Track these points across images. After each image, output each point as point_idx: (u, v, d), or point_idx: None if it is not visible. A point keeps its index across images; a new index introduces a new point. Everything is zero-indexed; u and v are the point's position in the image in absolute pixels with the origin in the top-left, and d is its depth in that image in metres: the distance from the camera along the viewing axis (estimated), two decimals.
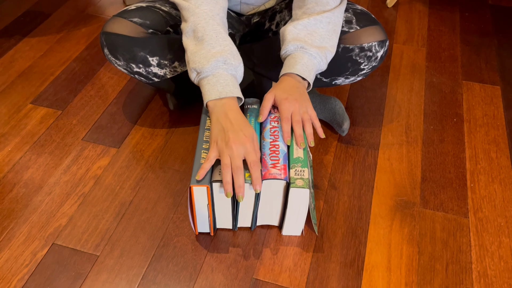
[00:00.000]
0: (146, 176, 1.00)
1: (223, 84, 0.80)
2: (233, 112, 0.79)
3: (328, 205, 0.96)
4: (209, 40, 0.81)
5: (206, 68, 0.80)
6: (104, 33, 0.94)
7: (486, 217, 0.95)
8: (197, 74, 0.82)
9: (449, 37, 1.46)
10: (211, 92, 0.80)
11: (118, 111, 1.16)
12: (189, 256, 0.86)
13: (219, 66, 0.80)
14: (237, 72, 0.83)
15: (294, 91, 0.85)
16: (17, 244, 0.88)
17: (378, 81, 1.28)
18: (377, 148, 1.08)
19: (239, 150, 0.76)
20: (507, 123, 1.16)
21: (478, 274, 0.85)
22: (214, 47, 0.81)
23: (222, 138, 0.77)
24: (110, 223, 0.91)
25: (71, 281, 0.82)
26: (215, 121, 0.79)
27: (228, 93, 0.80)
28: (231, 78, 0.81)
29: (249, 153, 0.77)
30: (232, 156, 0.76)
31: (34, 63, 1.31)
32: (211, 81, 0.80)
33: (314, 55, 0.87)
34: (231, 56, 0.81)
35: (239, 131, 0.77)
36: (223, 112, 0.79)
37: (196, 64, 0.81)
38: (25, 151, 1.05)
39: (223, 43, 0.82)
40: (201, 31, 0.82)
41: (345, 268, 0.85)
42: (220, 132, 0.78)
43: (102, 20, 1.49)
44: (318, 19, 0.88)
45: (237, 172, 0.75)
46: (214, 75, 0.80)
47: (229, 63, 0.81)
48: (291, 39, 0.88)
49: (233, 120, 0.78)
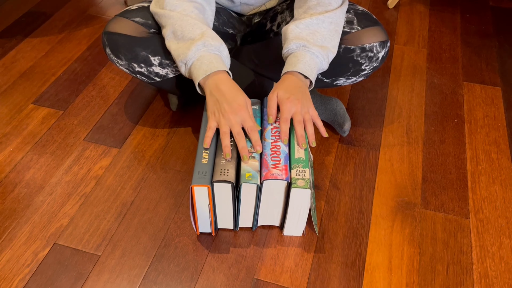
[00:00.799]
0: (148, 177, 1.01)
1: (207, 63, 0.84)
2: (224, 83, 0.83)
3: (329, 206, 0.96)
4: (187, 34, 0.86)
5: (188, 55, 0.84)
6: (106, 33, 0.94)
7: (487, 218, 0.95)
8: (185, 66, 0.86)
9: (450, 38, 1.46)
10: (198, 73, 0.84)
11: (120, 112, 1.16)
12: (191, 256, 0.86)
13: (199, 49, 0.84)
14: (220, 52, 0.86)
15: (296, 90, 0.85)
16: (19, 244, 0.88)
17: (379, 82, 1.28)
18: (378, 149, 1.09)
19: (236, 119, 0.82)
20: (508, 124, 1.16)
21: (479, 275, 0.85)
22: (192, 37, 0.85)
23: (218, 109, 0.82)
24: (112, 223, 0.92)
25: (73, 281, 0.82)
26: (209, 94, 0.84)
27: (213, 68, 0.83)
28: (214, 56, 0.85)
29: (246, 120, 0.82)
30: (231, 124, 0.82)
31: (36, 64, 1.31)
32: (197, 65, 0.84)
33: (316, 54, 0.87)
34: (210, 39, 0.85)
35: (233, 101, 0.82)
36: (215, 85, 0.83)
37: (180, 57, 0.85)
38: (27, 151, 1.06)
39: (200, 31, 0.86)
40: (179, 30, 0.86)
41: (346, 269, 0.85)
42: (215, 103, 0.83)
43: (103, 20, 1.50)
44: (321, 18, 0.89)
45: (238, 137, 0.82)
46: (197, 59, 0.84)
47: (209, 44, 0.85)
48: (293, 38, 0.88)
49: (225, 91, 0.82)
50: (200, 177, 0.79)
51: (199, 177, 0.79)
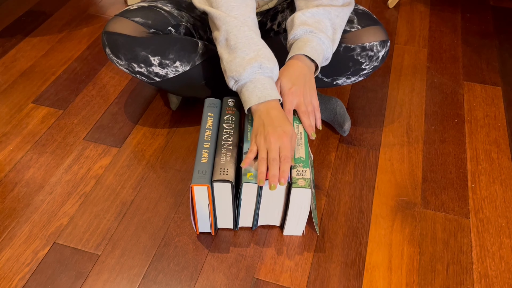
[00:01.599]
0: (147, 176, 1.01)
1: (261, 88, 0.82)
2: (275, 110, 0.82)
3: (329, 205, 0.96)
4: (242, 47, 0.83)
5: (243, 76, 0.82)
6: (105, 33, 0.94)
7: (487, 218, 0.95)
8: (235, 82, 0.84)
9: (450, 38, 1.46)
10: (250, 98, 0.82)
11: (120, 111, 1.16)
12: (190, 255, 0.86)
13: (255, 72, 0.82)
14: (273, 73, 0.84)
15: (300, 78, 0.85)
16: (19, 243, 0.88)
17: (379, 82, 1.28)
18: (378, 148, 1.08)
19: (276, 144, 0.79)
20: (508, 124, 1.16)
21: (479, 274, 0.85)
22: (248, 54, 0.82)
23: (261, 132, 0.80)
24: (111, 222, 0.91)
25: (72, 280, 0.82)
26: (257, 118, 0.82)
27: (266, 96, 0.82)
28: (268, 80, 0.83)
29: (284, 148, 0.79)
30: (269, 148, 0.78)
31: (36, 63, 1.31)
32: (250, 87, 0.82)
33: (323, 40, 0.87)
34: (266, 60, 0.82)
35: (278, 126, 0.79)
36: (266, 110, 0.82)
37: (233, 73, 0.83)
38: (27, 151, 1.06)
39: (256, 48, 0.83)
40: (233, 40, 0.83)
41: (346, 268, 0.85)
42: (260, 126, 0.81)
43: (103, 20, 1.50)
44: (327, 9, 0.89)
45: (272, 163, 0.78)
46: (251, 81, 0.82)
47: (265, 66, 0.82)
48: (300, 24, 0.88)
49: (274, 117, 0.81)
50: (200, 176, 0.79)
51: (199, 176, 0.79)
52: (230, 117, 0.91)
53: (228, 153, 0.83)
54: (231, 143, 0.85)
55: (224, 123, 0.89)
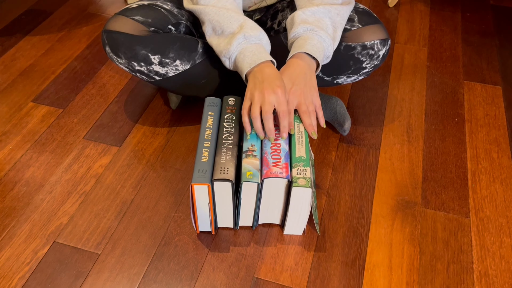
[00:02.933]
0: (148, 175, 1.00)
1: (250, 55, 0.84)
2: (268, 68, 0.83)
3: (330, 205, 0.96)
4: (226, 28, 0.86)
5: (231, 50, 0.85)
6: (105, 31, 0.94)
7: (487, 217, 0.95)
8: (229, 60, 0.87)
9: (451, 37, 1.46)
10: (243, 66, 0.84)
11: (120, 110, 1.16)
12: (191, 255, 0.86)
13: (240, 43, 0.85)
14: (261, 40, 0.87)
15: (301, 78, 0.85)
16: (18, 242, 0.88)
17: (380, 81, 1.27)
18: (379, 147, 1.08)
19: (271, 98, 0.80)
20: (508, 123, 1.16)
21: (479, 274, 0.85)
22: (231, 30, 0.86)
23: (256, 87, 0.82)
24: (112, 221, 0.91)
25: (72, 279, 0.82)
26: (252, 77, 0.84)
27: (256, 60, 0.84)
28: (256, 47, 0.85)
29: (280, 103, 0.80)
30: (263, 101, 0.80)
31: (35, 62, 1.31)
32: (240, 58, 0.85)
33: (324, 38, 0.87)
34: (249, 29, 0.85)
35: (273, 82, 0.81)
36: (259, 69, 0.83)
37: (223, 52, 0.86)
38: (26, 150, 1.05)
39: (238, 23, 0.86)
40: (217, 26, 0.87)
41: (346, 268, 0.85)
42: (255, 83, 0.82)
43: (103, 18, 1.49)
44: (327, 8, 0.89)
45: (266, 118, 0.80)
46: (240, 52, 0.85)
47: (248, 35, 0.85)
48: (300, 22, 0.89)
49: (266, 74, 0.82)
50: (200, 175, 0.79)
51: (199, 175, 0.79)
52: (230, 116, 0.90)
53: (228, 152, 0.83)
54: (231, 142, 0.85)
55: (224, 122, 0.89)
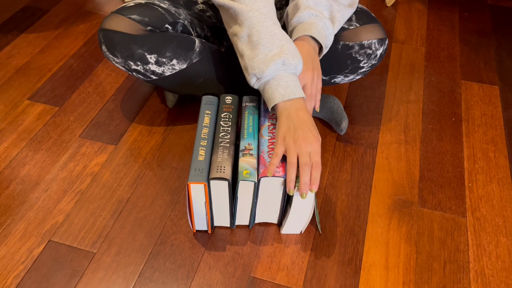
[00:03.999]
0: (144, 174, 1.00)
1: (285, 86, 0.79)
2: (303, 112, 0.79)
3: (326, 204, 0.96)
4: (265, 43, 0.80)
5: (265, 73, 0.79)
6: (102, 30, 0.94)
7: (483, 217, 0.95)
8: (257, 80, 0.81)
9: (448, 36, 1.46)
10: (274, 96, 0.80)
11: (116, 108, 1.16)
12: (187, 254, 0.86)
13: (278, 69, 0.79)
14: (297, 70, 0.81)
15: (308, 59, 0.84)
16: (14, 241, 0.87)
17: (377, 80, 1.27)
18: (376, 147, 1.08)
19: (308, 148, 0.76)
20: (505, 123, 1.16)
21: (476, 273, 0.85)
22: (271, 50, 0.80)
23: (291, 135, 0.77)
24: (107, 220, 0.91)
25: (68, 278, 0.82)
26: (285, 118, 0.79)
27: (290, 95, 0.79)
28: (291, 78, 0.80)
29: (315, 153, 0.77)
30: (300, 153, 0.76)
31: (32, 59, 1.30)
32: (273, 85, 0.80)
33: (328, 26, 0.87)
34: (290, 56, 0.80)
35: (308, 130, 0.77)
36: (295, 111, 0.79)
37: (255, 70, 0.80)
38: (22, 148, 1.05)
39: (279, 44, 0.80)
40: (256, 35, 0.81)
41: (343, 267, 0.85)
42: (289, 129, 0.78)
43: (100, 16, 1.49)
44: (330, 2, 0.89)
45: (304, 168, 0.75)
46: (274, 79, 0.80)
47: (288, 63, 0.80)
48: (305, 8, 0.87)
49: (303, 120, 0.78)
50: (196, 174, 0.79)
51: (195, 174, 0.79)
52: (227, 114, 0.90)
53: (225, 151, 0.83)
54: (228, 140, 0.85)
55: (221, 121, 0.89)
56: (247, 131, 0.86)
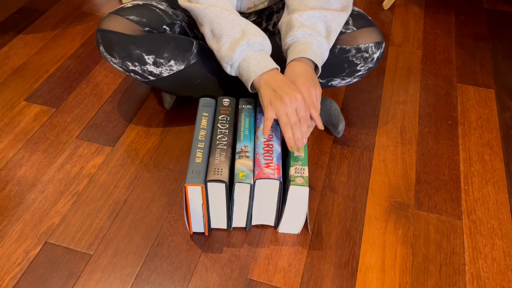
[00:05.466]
0: (141, 175, 1.00)
1: (255, 63, 0.83)
2: (279, 76, 0.83)
3: (323, 206, 0.96)
4: (227, 33, 0.85)
5: (234, 58, 0.84)
6: (100, 31, 0.94)
7: (479, 219, 0.95)
8: (230, 67, 0.86)
9: (445, 40, 1.47)
10: (249, 75, 0.84)
11: (113, 110, 1.16)
12: (184, 255, 0.86)
13: (244, 50, 0.84)
14: (263, 46, 0.86)
15: (308, 75, 0.86)
16: (10, 242, 0.87)
17: (374, 83, 1.28)
18: (372, 149, 1.09)
19: (293, 104, 0.80)
20: (501, 126, 1.17)
21: (471, 276, 0.86)
22: (234, 36, 0.84)
23: (275, 97, 0.80)
24: (104, 222, 0.91)
25: (64, 280, 0.82)
26: (264, 85, 0.82)
27: (262, 68, 0.83)
28: (260, 54, 0.84)
29: (301, 109, 0.80)
30: (288, 112, 0.80)
31: (29, 60, 1.30)
32: (244, 66, 0.84)
33: (322, 43, 0.88)
34: (252, 36, 0.84)
35: (289, 88, 0.81)
36: (271, 78, 0.82)
37: (225, 59, 0.85)
38: (19, 149, 1.05)
39: (240, 28, 0.85)
40: (217, 28, 0.86)
41: (340, 269, 0.85)
42: (271, 93, 0.81)
43: (97, 17, 1.49)
44: (323, 13, 0.89)
45: (295, 127, 0.80)
46: (244, 60, 0.84)
47: (252, 42, 0.84)
48: (299, 26, 0.88)
49: (281, 82, 0.82)
50: (193, 176, 0.79)
51: (192, 176, 0.79)
52: (224, 117, 0.90)
53: (222, 153, 0.83)
54: (225, 143, 0.85)
55: (218, 123, 0.89)
56: (243, 133, 0.86)
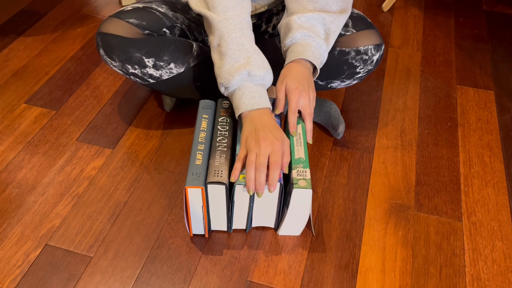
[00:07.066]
0: (141, 177, 1.00)
1: (249, 96, 0.81)
2: (266, 116, 0.81)
3: (323, 208, 0.96)
4: (232, 54, 0.82)
5: (231, 83, 0.81)
6: (99, 34, 0.94)
7: (479, 221, 0.95)
8: (225, 89, 0.84)
9: (444, 41, 1.47)
10: (239, 106, 0.82)
11: (113, 112, 1.16)
12: (184, 258, 0.86)
13: (243, 79, 0.81)
14: (265, 80, 0.83)
15: (304, 80, 0.85)
16: (10, 244, 0.87)
17: (374, 85, 1.28)
18: (372, 151, 1.09)
19: (267, 148, 0.77)
20: (501, 127, 1.17)
21: (472, 277, 0.86)
22: (237, 61, 0.82)
23: (253, 136, 0.79)
24: (104, 224, 0.91)
25: (64, 282, 0.82)
26: (248, 123, 0.81)
27: (254, 105, 0.81)
28: (257, 88, 0.82)
29: (274, 153, 0.77)
30: (259, 153, 0.77)
31: (29, 63, 1.30)
32: (238, 95, 0.82)
33: (321, 45, 0.88)
34: (255, 67, 0.81)
35: (269, 132, 0.79)
36: (257, 116, 0.81)
37: (222, 80, 0.82)
38: (19, 151, 1.05)
39: (246, 55, 0.82)
40: (224, 46, 0.83)
41: (340, 271, 0.85)
42: (251, 131, 0.79)
43: (97, 20, 1.49)
44: (322, 15, 0.89)
45: (259, 169, 0.76)
46: (239, 89, 0.82)
47: (253, 74, 0.81)
48: (298, 27, 0.88)
49: (265, 123, 0.80)
50: (193, 178, 0.79)
51: (193, 178, 0.79)
52: (224, 119, 0.90)
53: (222, 155, 0.83)
54: (225, 145, 0.85)
55: (218, 125, 0.89)
56: None
